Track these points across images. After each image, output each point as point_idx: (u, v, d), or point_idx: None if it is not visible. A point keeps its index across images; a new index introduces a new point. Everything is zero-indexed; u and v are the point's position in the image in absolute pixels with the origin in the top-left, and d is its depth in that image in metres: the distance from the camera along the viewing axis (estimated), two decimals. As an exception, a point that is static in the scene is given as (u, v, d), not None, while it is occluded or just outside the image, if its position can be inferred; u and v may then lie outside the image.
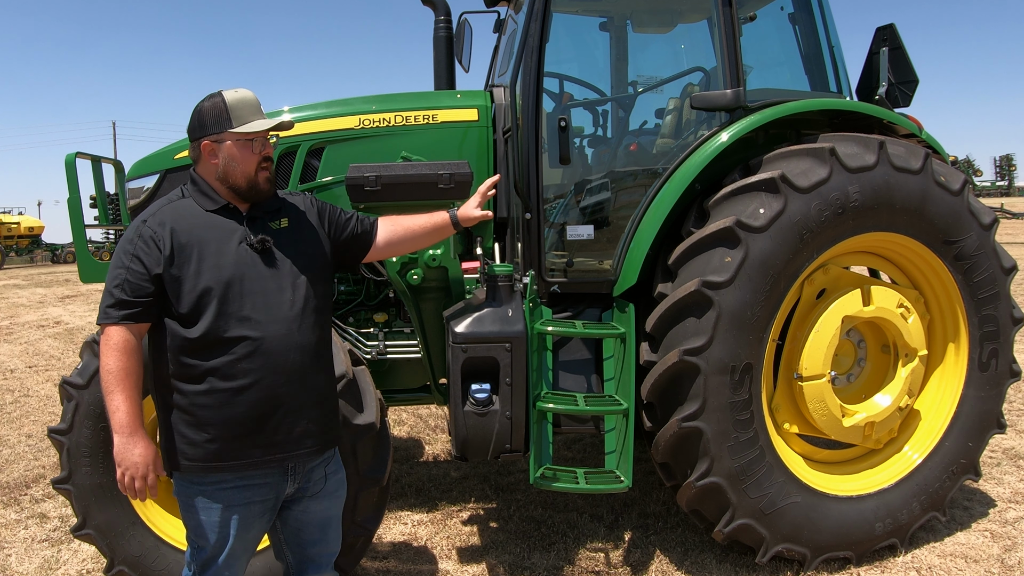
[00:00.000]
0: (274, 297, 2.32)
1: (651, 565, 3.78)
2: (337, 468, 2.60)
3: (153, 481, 2.27)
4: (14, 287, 20.91)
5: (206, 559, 2.38)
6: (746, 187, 3.44)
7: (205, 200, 2.38)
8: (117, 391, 2.22)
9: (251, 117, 2.36)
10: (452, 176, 3.31)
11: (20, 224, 36.33)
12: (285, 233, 2.43)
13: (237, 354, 2.25)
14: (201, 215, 2.35)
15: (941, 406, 3.90)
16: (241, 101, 2.36)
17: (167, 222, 2.30)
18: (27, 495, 4.95)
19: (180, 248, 2.26)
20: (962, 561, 3.73)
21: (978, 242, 3.70)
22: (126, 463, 2.23)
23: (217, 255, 2.29)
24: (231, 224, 2.36)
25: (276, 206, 2.48)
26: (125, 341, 2.23)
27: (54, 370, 8.95)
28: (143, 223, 2.30)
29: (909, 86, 4.17)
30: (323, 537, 2.57)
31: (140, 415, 2.26)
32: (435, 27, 4.34)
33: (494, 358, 3.22)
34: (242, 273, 2.29)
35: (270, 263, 2.35)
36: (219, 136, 2.35)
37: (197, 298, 2.24)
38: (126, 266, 2.25)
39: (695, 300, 3.33)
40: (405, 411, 6.57)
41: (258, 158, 2.37)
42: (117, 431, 2.22)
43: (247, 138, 2.35)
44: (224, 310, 2.25)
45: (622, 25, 4.65)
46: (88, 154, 4.13)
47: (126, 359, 2.22)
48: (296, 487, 2.45)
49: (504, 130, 4.02)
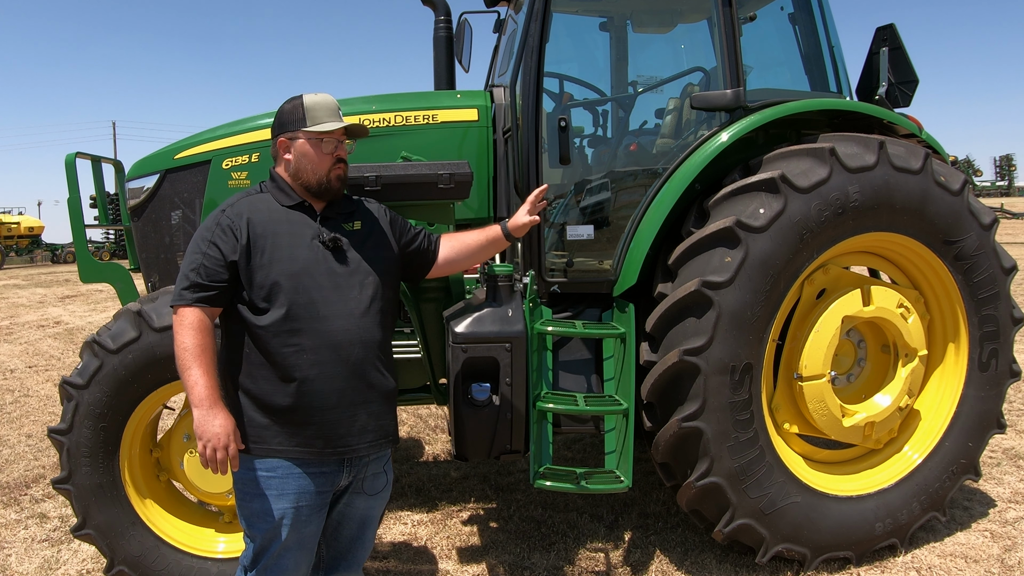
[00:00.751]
0: (342, 293, 2.40)
1: (651, 565, 3.78)
2: (389, 469, 2.65)
3: (234, 452, 2.30)
4: (14, 287, 20.91)
5: (259, 549, 2.41)
6: (746, 187, 3.44)
7: (282, 196, 2.49)
8: (195, 366, 2.27)
9: (325, 118, 2.46)
10: (452, 176, 3.31)
11: (20, 224, 36.35)
12: (357, 235, 2.53)
13: (302, 345, 2.34)
14: (278, 210, 2.45)
15: (941, 406, 3.90)
16: (318, 103, 2.48)
17: (244, 213, 2.40)
18: (27, 495, 4.95)
19: (256, 239, 2.36)
20: (962, 561, 3.73)
21: (978, 242, 3.70)
22: (207, 435, 2.25)
23: (290, 248, 2.38)
24: (306, 220, 2.46)
25: (350, 208, 2.59)
26: (200, 320, 2.31)
27: (54, 370, 8.95)
28: (222, 212, 2.41)
29: (909, 86, 4.17)
30: (361, 535, 2.62)
31: (218, 389, 2.31)
32: (435, 27, 4.34)
33: (494, 358, 3.22)
34: (313, 268, 2.38)
35: (341, 261, 2.44)
36: (293, 134, 2.46)
37: (268, 288, 2.33)
38: (203, 252, 2.34)
39: (695, 300, 3.33)
40: (405, 411, 6.57)
41: (331, 158, 2.47)
42: (196, 404, 2.26)
43: (318, 137, 2.45)
44: (293, 301, 2.33)
45: (622, 25, 4.65)
46: (88, 154, 4.13)
47: (202, 336, 2.29)
48: (350, 479, 2.50)
49: (504, 130, 4.02)
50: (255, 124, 3.90)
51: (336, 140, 2.49)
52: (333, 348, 2.36)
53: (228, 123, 4.01)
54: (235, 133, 3.89)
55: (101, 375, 3.23)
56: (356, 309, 2.41)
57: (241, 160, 3.82)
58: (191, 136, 4.03)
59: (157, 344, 3.21)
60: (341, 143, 2.51)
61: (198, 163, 3.88)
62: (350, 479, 2.50)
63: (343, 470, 2.46)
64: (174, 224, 3.92)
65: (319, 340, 2.34)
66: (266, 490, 2.38)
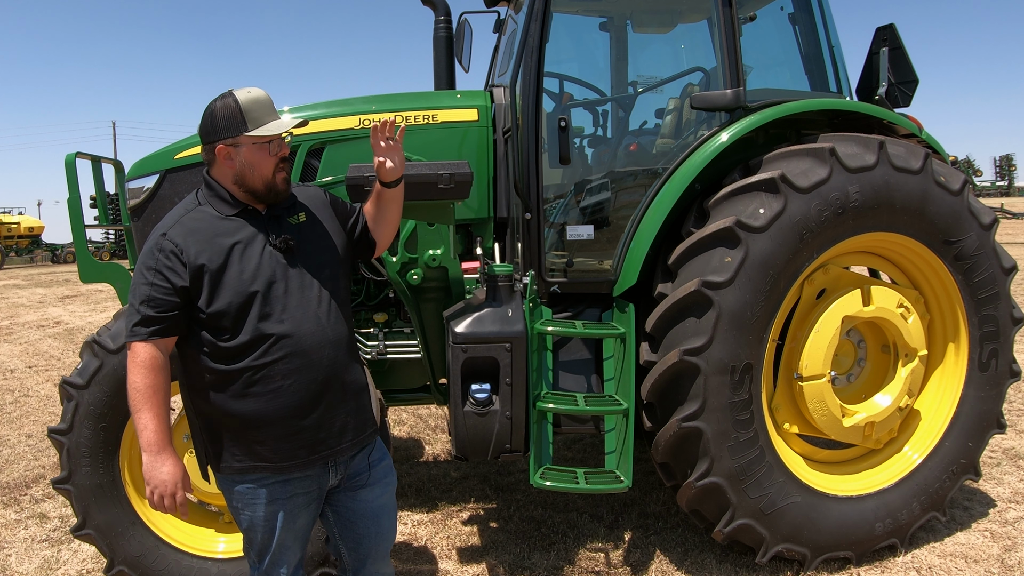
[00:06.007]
0: (303, 295, 2.31)
1: (651, 565, 3.78)
2: (382, 455, 2.59)
3: (182, 499, 2.25)
4: (14, 287, 20.91)
5: (259, 550, 2.41)
6: (746, 187, 3.44)
7: (223, 205, 2.33)
8: (144, 409, 2.19)
9: (266, 118, 2.31)
10: (452, 176, 3.31)
11: (20, 224, 36.35)
12: (304, 227, 2.42)
13: (273, 356, 2.25)
14: (220, 221, 2.30)
15: (941, 406, 3.90)
16: (255, 102, 2.31)
17: (187, 232, 2.25)
18: (27, 495, 4.95)
19: (206, 259, 2.21)
20: (962, 561, 3.73)
21: (978, 242, 3.70)
22: (155, 481, 2.21)
23: (243, 261, 2.25)
24: (251, 228, 2.32)
25: (290, 201, 2.45)
26: (152, 358, 2.20)
27: (54, 370, 8.95)
28: (163, 236, 2.24)
29: (909, 86, 4.17)
30: (378, 529, 2.57)
31: (168, 432, 2.23)
32: (435, 27, 4.33)
33: (494, 358, 3.22)
34: (270, 276, 2.27)
35: (294, 262, 2.33)
36: (235, 140, 2.29)
37: (227, 306, 2.21)
38: (150, 282, 2.20)
39: (695, 300, 3.33)
40: (405, 411, 6.57)
41: (275, 160, 2.33)
42: (145, 449, 2.20)
43: (264, 141, 2.31)
44: (256, 314, 2.23)
45: (622, 25, 4.65)
46: (88, 154, 4.13)
47: (154, 376, 2.19)
48: (339, 478, 2.47)
49: (504, 130, 4.02)
50: (255, 124, 3.89)
51: (279, 140, 2.34)
52: (303, 354, 2.27)
53: (228, 123, 4.00)
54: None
55: (101, 375, 3.23)
56: (320, 309, 2.33)
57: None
58: (191, 136, 4.03)
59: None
60: (283, 142, 2.36)
61: (198, 163, 3.86)
62: (339, 478, 2.47)
63: (328, 471, 2.43)
64: (174, 224, 3.91)
65: (289, 349, 2.25)
66: (254, 500, 2.35)
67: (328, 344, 2.33)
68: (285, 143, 2.37)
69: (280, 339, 2.25)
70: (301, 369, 2.27)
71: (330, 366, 2.33)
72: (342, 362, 2.38)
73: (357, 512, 2.54)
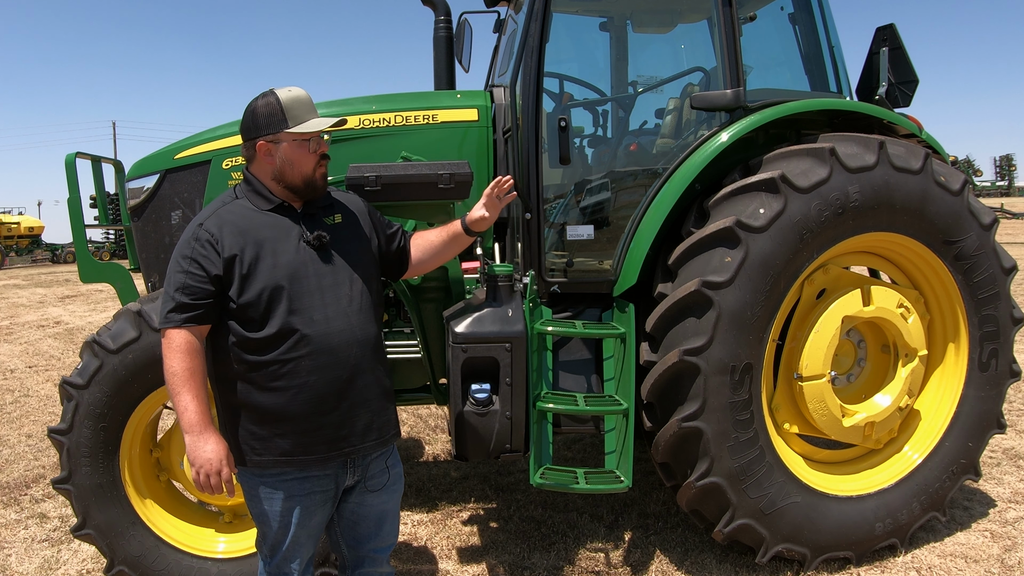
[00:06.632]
0: (333, 293, 2.36)
1: (651, 565, 3.78)
2: (396, 462, 2.63)
3: (228, 475, 2.27)
4: (14, 287, 20.91)
5: (272, 545, 2.44)
6: (746, 187, 3.44)
7: (260, 200, 2.40)
8: (184, 391, 2.23)
9: (306, 116, 2.38)
10: (452, 176, 3.31)
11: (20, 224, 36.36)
12: (339, 229, 2.48)
13: (300, 351, 2.29)
14: (256, 215, 2.37)
15: (941, 406, 3.90)
16: (295, 100, 2.37)
17: (223, 224, 2.32)
18: (27, 495, 4.95)
19: (239, 250, 2.28)
20: (962, 561, 3.73)
21: (978, 242, 3.70)
22: (200, 460, 2.24)
23: (275, 254, 2.32)
24: (287, 222, 2.39)
25: (328, 202, 2.52)
26: (188, 342, 2.26)
27: (54, 370, 8.95)
28: (199, 226, 2.32)
29: (909, 86, 4.17)
30: (379, 531, 2.61)
31: (208, 413, 2.28)
32: (435, 27, 4.34)
33: (494, 358, 3.22)
34: (301, 271, 2.32)
35: (327, 259, 2.39)
36: (275, 136, 2.36)
37: (257, 298, 2.27)
38: (185, 270, 2.27)
39: (695, 300, 3.33)
40: (405, 411, 6.57)
41: (315, 156, 2.40)
42: (187, 430, 2.24)
43: (303, 138, 2.37)
44: (285, 308, 2.28)
45: (622, 25, 4.65)
46: (88, 154, 4.13)
47: (190, 359, 2.25)
48: (356, 479, 2.49)
49: (504, 130, 4.02)
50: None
51: (319, 137, 2.41)
52: (330, 351, 2.32)
53: (228, 123, 4.01)
54: (235, 133, 3.87)
55: (101, 375, 3.22)
56: (349, 308, 2.37)
57: (241, 160, 3.81)
58: (191, 136, 4.03)
59: (157, 344, 3.15)
60: (323, 140, 2.43)
61: (198, 163, 3.88)
62: (356, 478, 2.49)
63: (347, 470, 2.46)
64: (174, 224, 3.92)
65: (315, 345, 2.30)
66: (271, 495, 2.38)
67: (355, 343, 2.37)
68: (324, 141, 2.44)
69: (307, 334, 2.29)
70: (327, 366, 2.31)
71: (356, 365, 2.37)
72: (369, 362, 2.41)
73: (360, 514, 2.56)
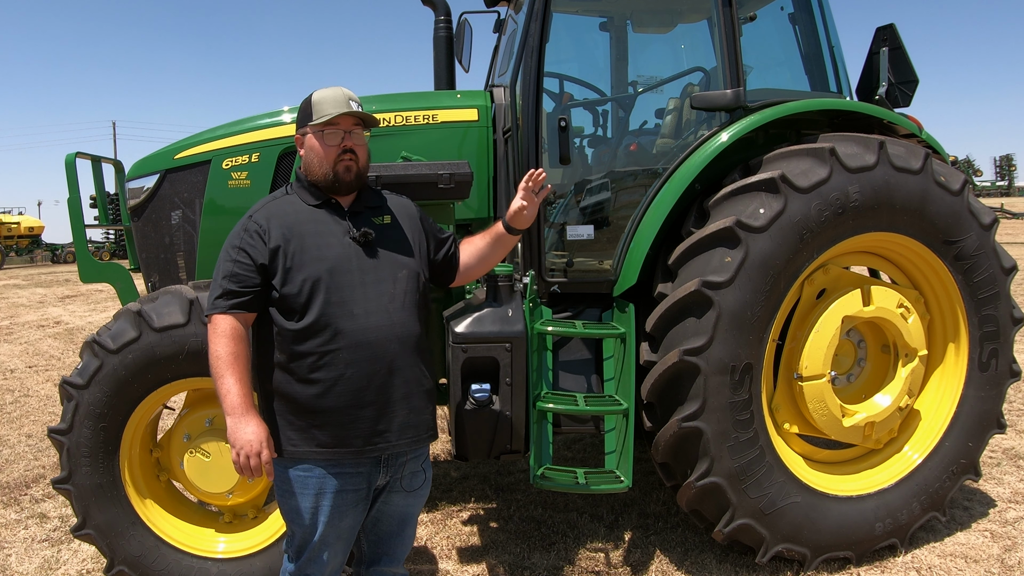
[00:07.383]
0: (375, 288, 2.38)
1: (651, 565, 3.78)
2: (428, 467, 2.63)
3: (267, 457, 2.28)
4: (14, 287, 20.92)
5: (300, 544, 2.44)
6: (746, 187, 3.44)
7: (308, 195, 2.48)
8: (227, 374, 2.27)
9: (329, 110, 2.42)
10: (452, 176, 3.31)
11: (20, 224, 36.39)
12: (387, 229, 2.51)
13: (338, 343, 2.32)
14: (304, 210, 2.44)
15: (941, 406, 3.90)
16: (325, 96, 2.45)
17: (272, 216, 2.40)
18: (27, 495, 4.95)
19: (285, 241, 2.35)
20: (962, 561, 3.73)
21: (978, 242, 3.70)
22: (240, 442, 2.25)
23: (320, 248, 2.37)
24: (334, 218, 2.44)
25: (379, 202, 2.57)
26: (233, 328, 2.30)
27: (54, 370, 8.95)
28: (249, 218, 2.41)
29: (909, 86, 4.17)
30: (400, 532, 2.62)
31: (251, 396, 2.30)
32: (435, 27, 4.33)
33: (494, 358, 3.22)
34: (344, 265, 2.36)
35: (372, 255, 2.42)
36: (303, 130, 2.48)
37: (300, 289, 2.32)
38: (233, 259, 2.35)
39: (695, 300, 3.33)
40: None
41: (336, 150, 2.43)
42: (229, 412, 2.26)
43: (320, 129, 2.42)
44: (326, 300, 2.32)
45: (622, 25, 4.65)
46: (88, 154, 4.13)
47: (235, 344, 2.29)
48: (388, 478, 2.49)
49: (504, 130, 4.02)
50: (255, 124, 3.89)
51: (343, 131, 2.43)
52: (368, 346, 2.33)
53: (228, 123, 4.01)
54: (235, 133, 3.89)
55: (101, 375, 3.22)
56: (391, 304, 2.39)
57: (241, 160, 3.82)
58: (191, 136, 4.03)
59: (157, 344, 3.21)
60: (349, 133, 2.44)
61: (198, 163, 3.87)
62: (388, 478, 2.49)
63: (380, 469, 2.45)
64: (174, 224, 3.92)
65: (354, 339, 2.32)
66: (303, 489, 2.38)
67: (395, 339, 2.38)
68: (351, 136, 2.46)
69: (345, 328, 2.32)
70: (364, 360, 2.33)
71: (394, 361, 2.38)
72: (408, 360, 2.42)
73: (385, 512, 2.57)
